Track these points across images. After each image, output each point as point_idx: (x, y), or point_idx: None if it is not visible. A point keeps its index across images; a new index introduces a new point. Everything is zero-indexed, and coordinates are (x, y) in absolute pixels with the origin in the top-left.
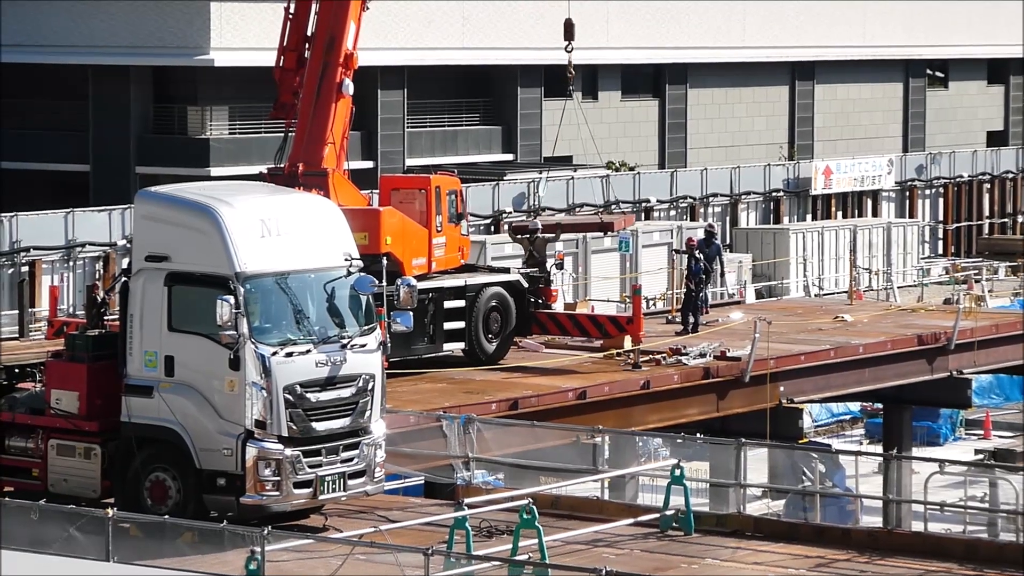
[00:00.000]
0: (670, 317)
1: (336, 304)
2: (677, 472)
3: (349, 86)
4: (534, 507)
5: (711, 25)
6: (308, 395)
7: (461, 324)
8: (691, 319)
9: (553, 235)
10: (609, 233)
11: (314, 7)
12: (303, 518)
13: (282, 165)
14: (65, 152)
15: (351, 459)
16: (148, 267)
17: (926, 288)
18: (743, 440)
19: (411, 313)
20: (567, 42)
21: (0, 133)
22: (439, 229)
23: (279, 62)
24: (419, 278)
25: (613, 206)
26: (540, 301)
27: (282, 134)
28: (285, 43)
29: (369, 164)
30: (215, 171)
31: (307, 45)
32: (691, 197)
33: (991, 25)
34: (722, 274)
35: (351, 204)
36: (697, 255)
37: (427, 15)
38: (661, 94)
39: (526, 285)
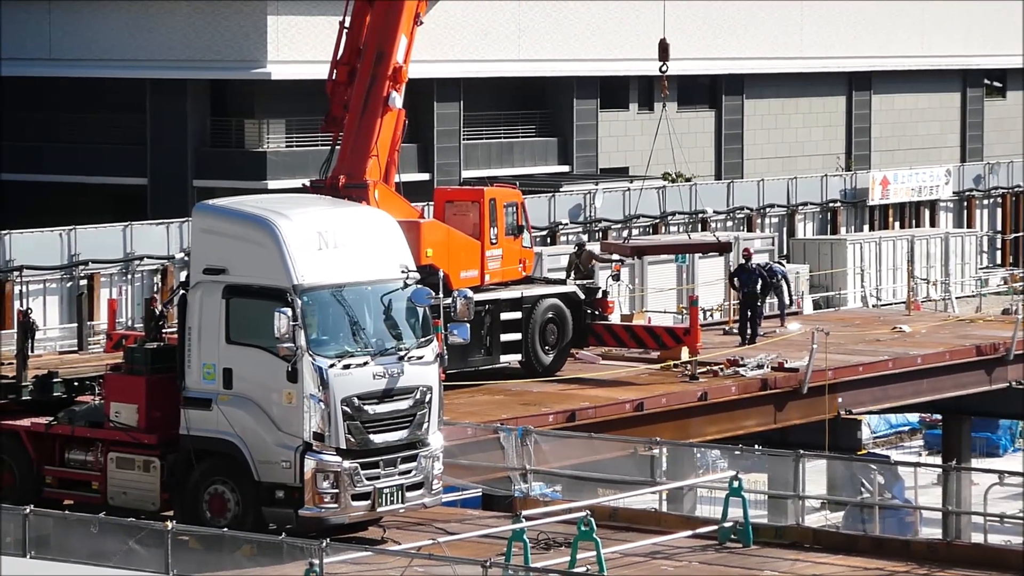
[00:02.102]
0: (727, 328)
1: (393, 316)
2: (735, 484)
3: (396, 99)
4: (592, 519)
5: (767, 36)
6: (366, 407)
7: (518, 336)
8: (748, 331)
9: (599, 254)
10: (725, 253)
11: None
12: (361, 530)
13: (324, 178)
14: (123, 166)
15: (409, 471)
16: (206, 280)
17: (984, 298)
18: (801, 452)
19: (468, 325)
20: (662, 62)
21: (61, 147)
22: (494, 241)
23: (331, 75)
24: (474, 290)
25: (669, 217)
26: (597, 313)
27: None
28: (339, 57)
29: (425, 176)
30: (272, 184)
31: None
32: (748, 208)
33: None
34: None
35: (396, 216)
36: (753, 266)
37: (483, 27)
38: (717, 105)
39: (583, 297)
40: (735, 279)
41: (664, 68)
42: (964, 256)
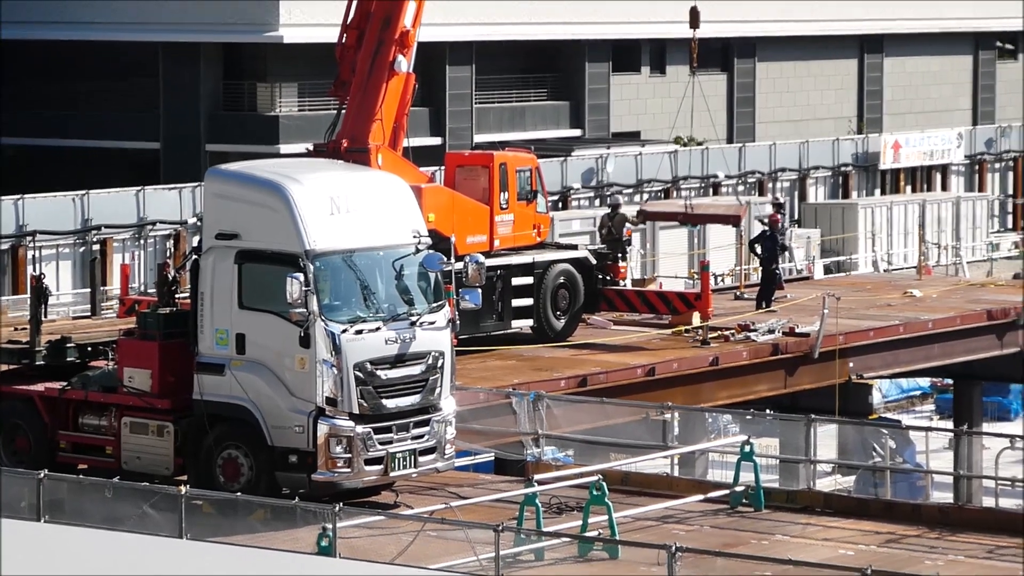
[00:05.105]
0: (738, 293)
1: (405, 281)
2: (747, 448)
3: (403, 63)
4: (604, 483)
5: None
6: (378, 372)
7: (529, 301)
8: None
9: (637, 218)
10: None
11: None
12: (374, 495)
13: (328, 141)
14: (136, 130)
15: (421, 436)
16: (218, 245)
17: (995, 263)
18: (813, 416)
19: (479, 290)
20: (693, 29)
21: (73, 111)
22: (504, 206)
23: (341, 39)
24: (485, 256)
25: (681, 181)
26: (608, 278)
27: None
28: (348, 21)
29: (437, 140)
30: (284, 148)
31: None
32: (759, 172)
33: None
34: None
35: None
36: (777, 234)
37: None
38: (730, 68)
39: (594, 262)
40: (756, 246)
41: (695, 36)
42: (975, 220)
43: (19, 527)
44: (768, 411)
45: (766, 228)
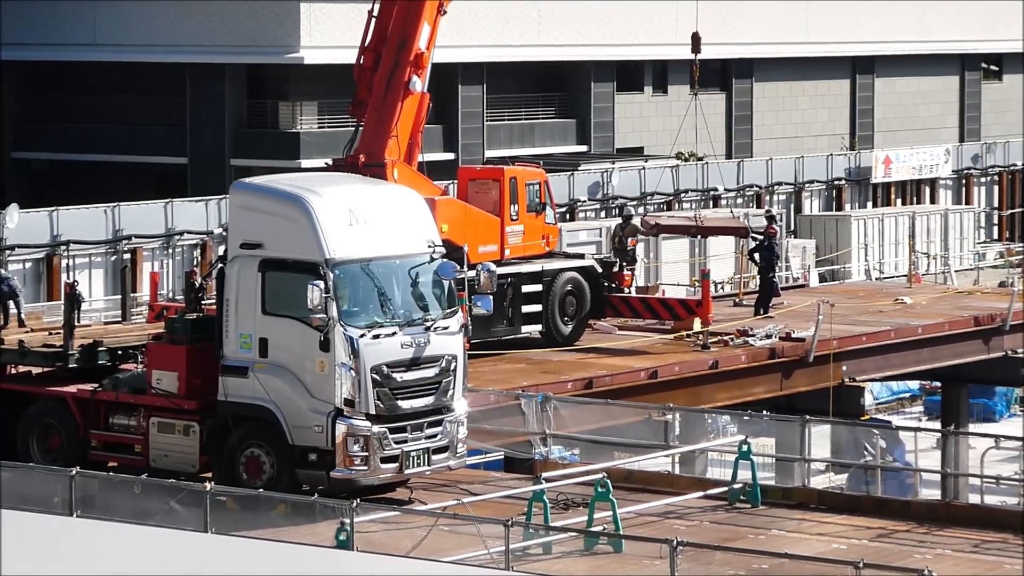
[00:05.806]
0: (737, 300)
1: (420, 289)
2: (744, 448)
3: (417, 84)
4: (608, 481)
5: (775, 22)
6: (394, 375)
7: (538, 307)
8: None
9: (651, 230)
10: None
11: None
12: (390, 491)
13: (346, 157)
14: (164, 146)
15: (435, 435)
16: (243, 254)
17: (982, 271)
18: (807, 417)
19: (491, 297)
20: (694, 54)
21: (106, 128)
22: (514, 218)
23: (359, 61)
24: (496, 264)
25: (682, 194)
26: (614, 285)
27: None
28: (366, 43)
29: (451, 156)
30: (305, 163)
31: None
32: (757, 186)
33: None
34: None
35: None
36: (774, 244)
37: (505, 15)
38: (728, 88)
39: (600, 270)
40: (754, 255)
41: (696, 61)
42: (962, 231)
43: (52, 522)
44: (765, 412)
45: (763, 239)
